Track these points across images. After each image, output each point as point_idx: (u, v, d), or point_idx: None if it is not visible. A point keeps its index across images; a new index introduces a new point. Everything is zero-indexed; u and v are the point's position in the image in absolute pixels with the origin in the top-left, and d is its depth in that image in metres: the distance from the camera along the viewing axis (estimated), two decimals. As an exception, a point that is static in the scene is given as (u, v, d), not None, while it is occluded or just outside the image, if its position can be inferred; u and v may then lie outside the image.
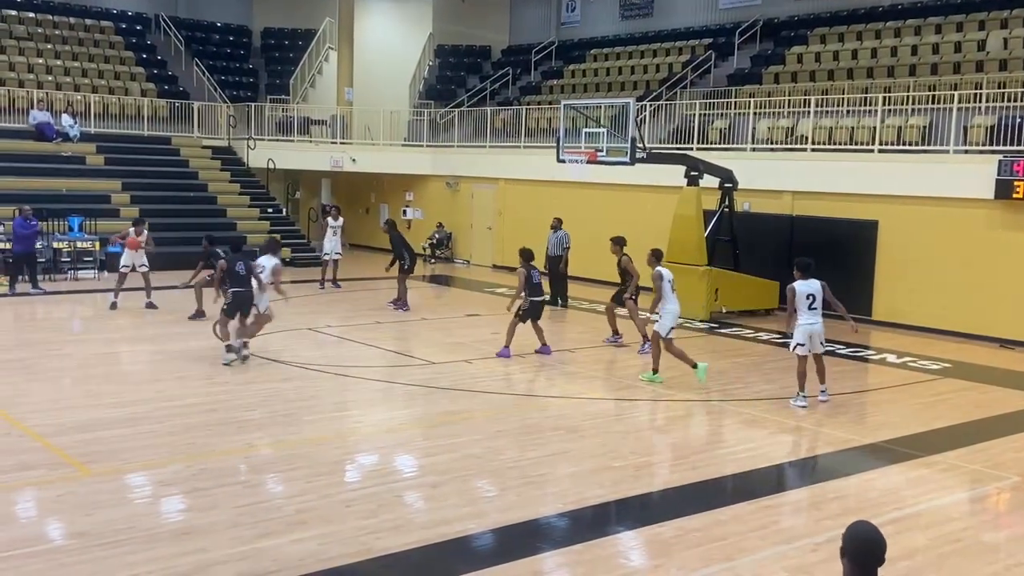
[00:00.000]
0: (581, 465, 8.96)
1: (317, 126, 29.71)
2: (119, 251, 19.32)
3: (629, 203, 22.07)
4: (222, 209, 25.86)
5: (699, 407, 11.81)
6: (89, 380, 11.64)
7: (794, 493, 8.47)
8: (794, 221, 19.22)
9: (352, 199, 31.93)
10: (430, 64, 33.20)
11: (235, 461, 8.80)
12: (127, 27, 31.99)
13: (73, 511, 6.58)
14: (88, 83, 28.14)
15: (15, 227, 18.90)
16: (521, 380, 12.64)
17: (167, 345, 13.90)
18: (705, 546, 7.06)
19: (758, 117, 20.97)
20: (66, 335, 15.04)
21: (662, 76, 25.84)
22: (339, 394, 11.85)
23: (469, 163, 27.17)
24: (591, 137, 18.11)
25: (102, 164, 25.32)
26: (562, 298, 19.20)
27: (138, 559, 6.45)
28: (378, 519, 7.37)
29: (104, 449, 8.85)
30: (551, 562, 6.82)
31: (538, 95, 28.56)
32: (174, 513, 7.54)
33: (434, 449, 9.42)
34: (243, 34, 34.57)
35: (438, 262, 27.16)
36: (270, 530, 7.04)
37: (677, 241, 18.37)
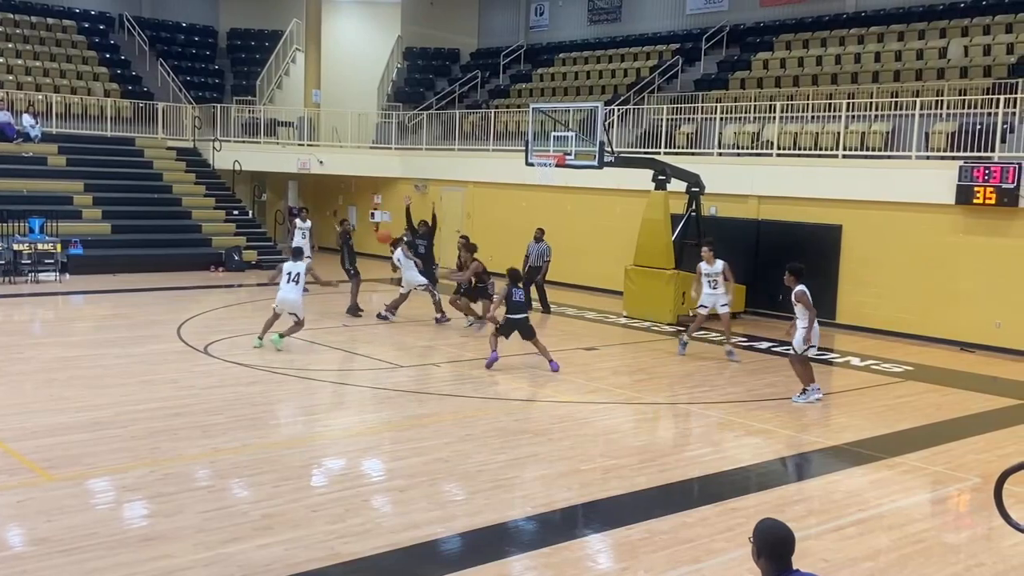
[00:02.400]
0: (550, 468, 8.97)
1: (284, 128, 29.54)
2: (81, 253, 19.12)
3: (597, 206, 22.16)
4: (187, 211, 25.62)
5: (666, 410, 11.87)
6: (51, 384, 11.47)
7: (760, 495, 8.53)
8: (760, 225, 19.38)
9: (320, 201, 31.75)
10: (398, 66, 33.13)
11: (200, 466, 8.71)
12: (90, 26, 31.61)
13: (34, 517, 6.48)
14: (50, 83, 27.76)
15: None
16: (490, 383, 12.63)
17: (130, 348, 13.74)
18: (672, 548, 7.10)
19: (725, 122, 21.13)
20: (27, 338, 14.82)
21: (630, 80, 25.97)
22: (306, 398, 11.77)
23: (438, 166, 27.14)
24: (559, 141, 18.15)
25: (64, 165, 24.98)
26: (544, 306, 19.19)
27: (101, 565, 6.36)
28: (346, 523, 7.33)
29: (66, 454, 8.72)
30: (519, 565, 6.82)
31: (507, 98, 28.58)
32: (138, 519, 7.45)
33: (402, 453, 9.38)
34: (209, 34, 34.28)
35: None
36: (236, 535, 6.98)
37: (645, 245, 18.47)
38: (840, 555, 7.09)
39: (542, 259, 19.22)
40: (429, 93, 31.48)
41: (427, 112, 29.03)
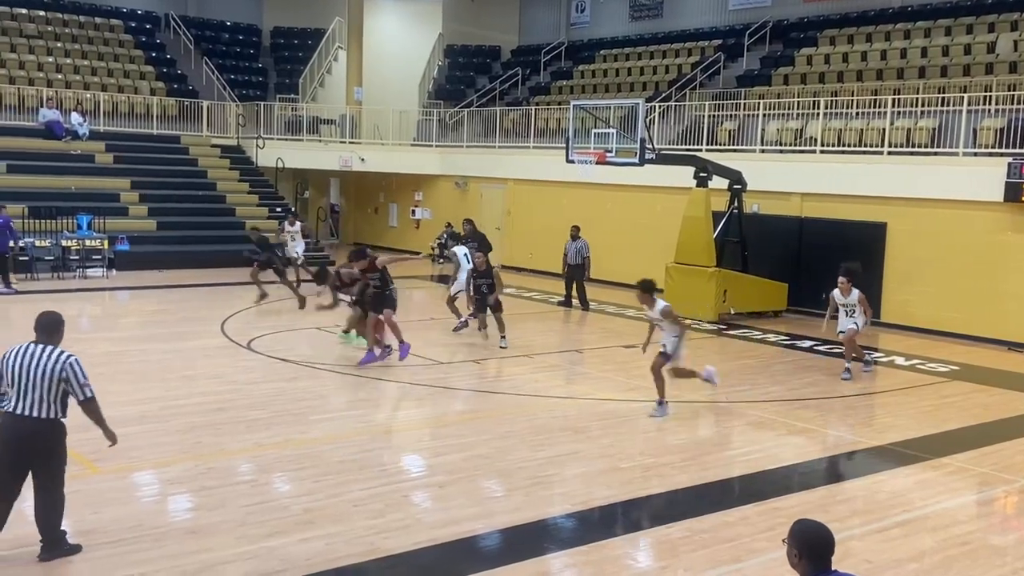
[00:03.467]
0: (589, 466, 8.95)
1: (326, 125, 29.73)
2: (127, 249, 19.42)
3: (638, 204, 22.06)
4: (231, 208, 25.91)
5: (707, 408, 11.78)
6: (97, 378, 11.58)
7: (802, 495, 8.44)
8: (803, 223, 19.18)
9: (361, 199, 31.99)
10: (440, 64, 33.22)
11: (242, 460, 8.81)
12: (137, 26, 32.07)
13: (81, 509, 6.60)
14: (97, 81, 28.22)
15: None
16: (529, 380, 12.63)
17: (175, 344, 13.92)
18: (713, 547, 7.05)
19: (767, 118, 20.93)
20: (74, 333, 15.05)
21: (671, 77, 25.82)
22: (347, 394, 11.86)
23: (478, 163, 27.18)
24: (600, 138, 18.11)
25: (111, 163, 25.39)
26: (583, 303, 19.13)
27: (146, 557, 6.46)
28: (385, 519, 7.37)
29: (112, 447, 8.84)
30: (559, 562, 6.82)
31: (547, 95, 28.55)
32: (182, 512, 7.55)
33: (442, 449, 9.42)
34: (253, 33, 34.63)
35: (446, 262, 27.12)
36: (278, 529, 7.05)
37: (685, 242, 18.36)
38: (884, 556, 6.99)
39: (581, 256, 19.12)
40: (470, 90, 31.53)
41: (468, 109, 29.08)
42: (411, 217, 29.31)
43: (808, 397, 12.19)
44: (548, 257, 24.52)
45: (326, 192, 33.36)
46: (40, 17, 30.05)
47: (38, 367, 6.18)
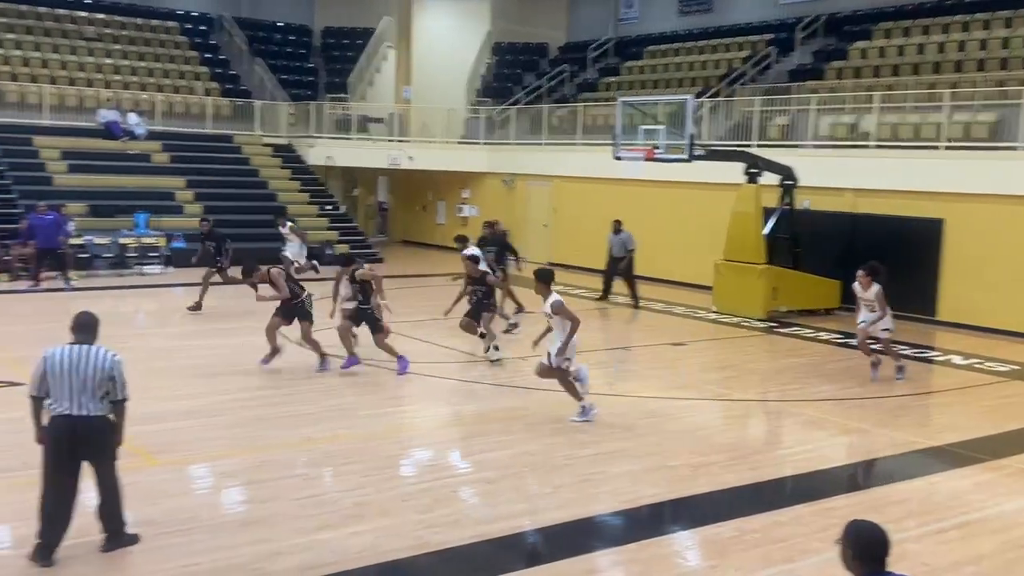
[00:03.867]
0: (637, 464, 8.92)
1: (375, 124, 29.96)
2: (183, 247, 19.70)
3: (686, 201, 21.90)
4: (282, 206, 26.13)
5: (757, 407, 11.68)
6: (154, 373, 11.87)
7: (856, 496, 8.33)
8: (856, 219, 18.90)
9: (409, 196, 32.16)
10: (487, 62, 33.28)
11: (294, 454, 8.93)
12: (192, 27, 32.59)
13: (140, 500, 6.74)
14: (154, 82, 28.74)
15: (32, 221, 19.08)
16: (577, 378, 12.60)
17: (228, 339, 14.13)
18: (764, 547, 6.99)
19: (820, 113, 20.65)
20: (132, 329, 15.37)
21: (721, 72, 25.59)
22: (395, 389, 11.95)
23: (525, 161, 27.19)
24: (648, 134, 18.00)
25: (167, 162, 25.85)
26: (634, 299, 19.04)
27: (202, 548, 6.58)
28: (434, 513, 7.42)
29: (169, 440, 9.04)
30: (606, 560, 6.81)
31: (595, 92, 28.46)
32: (236, 504, 7.68)
33: (490, 445, 9.45)
34: (304, 33, 35.00)
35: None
36: (329, 522, 7.13)
37: (735, 239, 18.20)
38: (941, 559, 6.88)
39: (624, 249, 18.92)
40: (517, 88, 31.54)
41: (515, 107, 29.11)
42: (458, 214, 29.42)
43: (861, 396, 12.02)
44: (595, 254, 24.45)
45: (375, 190, 33.61)
46: (99, 20, 30.68)
47: (88, 366, 6.25)
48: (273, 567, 6.34)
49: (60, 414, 6.21)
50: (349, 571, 6.35)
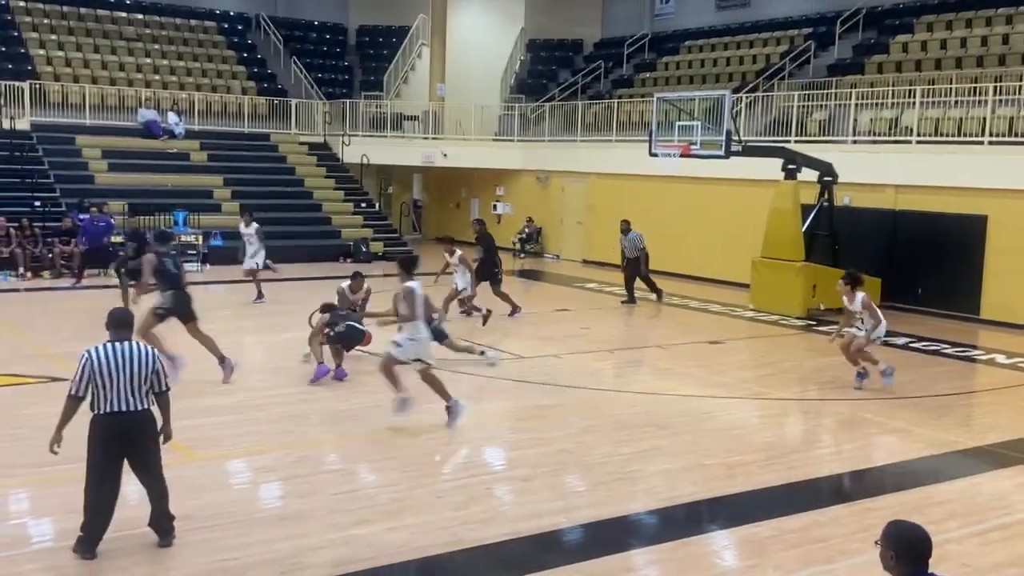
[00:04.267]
0: (673, 462, 8.87)
1: (410, 122, 30.06)
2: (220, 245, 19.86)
3: (723, 197, 21.74)
4: (318, 204, 26.41)
5: (795, 406, 11.56)
6: (192, 370, 11.97)
7: (896, 496, 8.20)
8: (897, 216, 18.65)
9: (443, 194, 32.23)
10: (521, 59, 33.25)
11: (331, 450, 8.98)
12: (229, 27, 32.90)
13: (179, 494, 6.80)
14: (192, 82, 29.05)
15: (84, 223, 19.35)
16: (611, 375, 12.57)
17: (265, 336, 14.24)
18: (803, 547, 6.91)
19: (860, 108, 20.40)
20: (171, 326, 15.51)
21: (759, 67, 25.37)
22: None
23: (560, 157, 27.13)
24: (684, 130, 17.89)
25: (205, 160, 26.11)
26: (656, 292, 18.86)
27: (240, 542, 6.63)
28: (469, 510, 7.42)
29: (207, 435, 9.13)
30: (643, 558, 6.77)
31: (630, 88, 28.33)
32: (273, 499, 7.74)
33: (524, 443, 9.44)
34: (339, 32, 35.19)
35: (528, 257, 27.20)
36: (365, 518, 7.16)
37: (773, 236, 18.03)
38: (983, 560, 6.76)
39: (635, 248, 18.50)
40: (552, 84, 31.48)
41: (549, 104, 29.05)
42: (493, 212, 29.43)
43: (902, 396, 11.84)
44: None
45: (409, 188, 33.71)
46: (139, 20, 31.07)
47: (133, 362, 6.30)
48: (309, 562, 6.37)
49: (108, 412, 6.27)
50: (385, 567, 6.37)
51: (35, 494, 7.59)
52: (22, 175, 22.47)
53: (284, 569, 6.24)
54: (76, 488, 6.53)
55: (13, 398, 10.42)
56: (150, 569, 6.22)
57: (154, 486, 6.49)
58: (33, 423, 9.34)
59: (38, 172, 22.93)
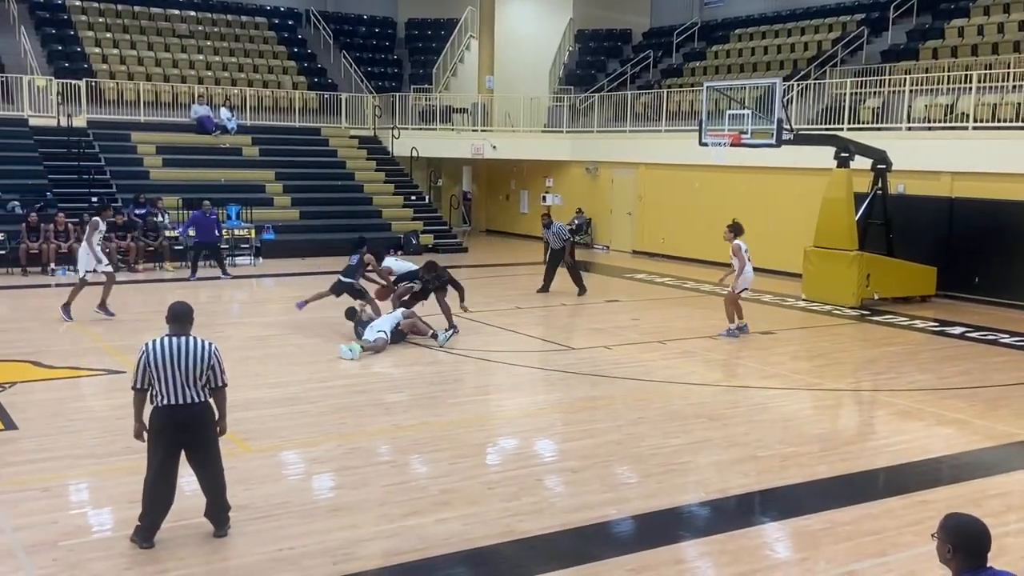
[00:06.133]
0: (724, 454, 8.82)
1: (459, 114, 30.14)
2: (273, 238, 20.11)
3: (775, 186, 21.50)
4: (368, 197, 26.63)
5: (849, 397, 11.43)
6: (247, 362, 12.20)
7: (952, 488, 8.08)
8: (953, 204, 18.29)
9: (492, 186, 32.28)
10: (570, 49, 33.13)
11: (382, 441, 9.07)
12: (279, 22, 33.24)
13: (234, 485, 6.92)
14: (244, 77, 29.43)
15: (196, 219, 20.18)
16: (662, 367, 12.52)
17: (318, 328, 14.39)
18: (856, 540, 6.84)
19: (914, 95, 20.01)
20: (226, 318, 15.79)
21: (810, 55, 25.00)
22: (481, 378, 12.04)
23: (609, 148, 27.02)
24: (735, 119, 17.72)
25: (257, 155, 26.46)
26: (579, 287, 18.34)
27: (294, 533, 6.74)
28: (520, 502, 7.46)
29: (261, 427, 9.28)
30: (694, 550, 6.75)
31: (679, 78, 28.10)
32: (326, 490, 7.85)
33: (574, 434, 9.45)
34: (388, 26, 35.39)
35: (577, 248, 27.12)
36: (416, 509, 7.23)
37: (826, 225, 17.79)
38: (1042, 555, 6.64)
39: (560, 240, 18.30)
40: (600, 75, 31.34)
41: (598, 94, 28.93)
42: (542, 203, 29.40)
43: (959, 386, 11.64)
44: (680, 242, 24.23)
45: (459, 180, 33.82)
46: (191, 17, 31.53)
47: (188, 356, 6.39)
48: (361, 552, 6.46)
49: (164, 404, 6.39)
50: (436, 557, 6.43)
51: (95, 484, 7.78)
52: (79, 171, 22.97)
53: (337, 559, 6.33)
54: (135, 479, 6.69)
55: (73, 390, 10.67)
56: (207, 559, 6.35)
57: (210, 478, 6.60)
58: (92, 415, 9.61)
59: (95, 168, 23.43)
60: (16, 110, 24.52)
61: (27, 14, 28.64)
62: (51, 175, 22.79)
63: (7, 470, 7.97)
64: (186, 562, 6.27)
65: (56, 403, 10.02)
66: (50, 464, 8.13)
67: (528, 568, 6.41)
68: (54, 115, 24.56)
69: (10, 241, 19.93)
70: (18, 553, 6.33)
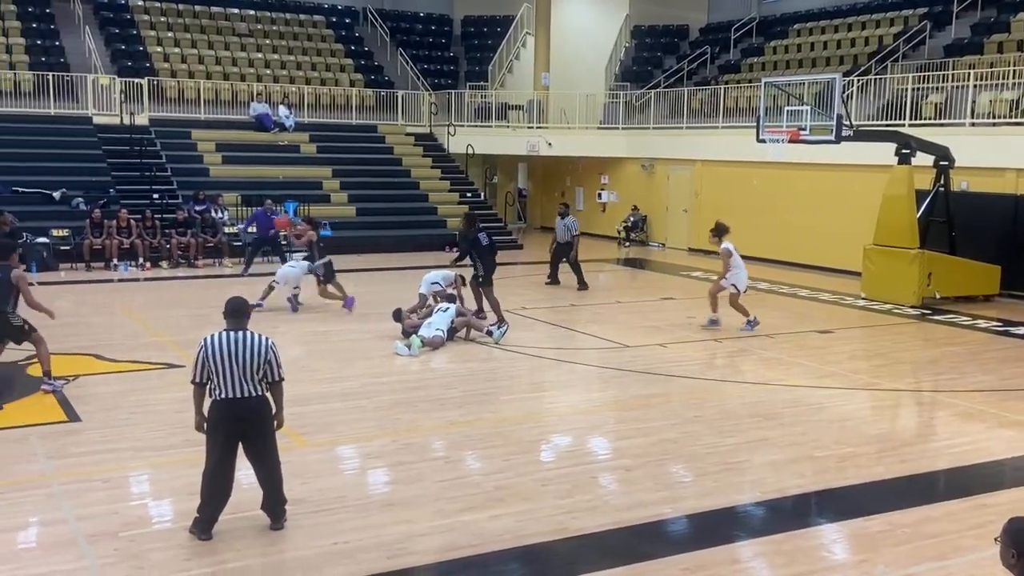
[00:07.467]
0: (781, 453, 8.72)
1: (514, 111, 30.16)
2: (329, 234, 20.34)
3: (834, 184, 21.18)
4: (424, 194, 26.79)
5: (908, 397, 11.23)
6: (305, 356, 12.37)
7: (1016, 491, 7.90)
8: (1018, 201, 17.85)
9: (548, 183, 32.26)
10: (626, 46, 32.96)
11: (437, 437, 9.13)
12: (337, 21, 33.58)
13: (290, 479, 7.01)
14: (302, 75, 29.79)
15: (258, 217, 20.62)
16: (717, 365, 12.42)
17: (374, 324, 14.53)
18: (915, 543, 6.73)
19: (979, 90, 19.56)
20: (282, 313, 15.99)
21: (871, 50, 24.57)
22: (535, 375, 12.05)
23: (665, 145, 26.83)
24: (793, 115, 17.50)
25: (314, 152, 26.77)
26: (580, 283, 18.50)
27: (350, 527, 6.82)
28: (574, 499, 7.46)
29: (318, 422, 9.40)
30: (749, 550, 6.69)
31: (737, 74, 27.81)
32: (381, 485, 7.93)
33: (629, 432, 9.42)
34: (444, 23, 35.54)
35: (632, 245, 27.03)
36: (471, 505, 7.27)
37: (886, 223, 17.49)
38: (1110, 562, 6.45)
39: (570, 234, 18.55)
40: (657, 71, 31.14)
41: (655, 91, 28.74)
42: (597, 200, 29.34)
43: (1022, 388, 11.37)
44: (736, 239, 23.90)
45: (514, 177, 33.85)
46: (251, 16, 32.01)
47: (246, 351, 6.50)
48: (416, 547, 6.51)
49: (224, 398, 6.51)
50: (489, 553, 6.46)
51: (155, 476, 7.95)
52: (141, 169, 23.45)
53: (392, 554, 6.40)
54: (194, 471, 6.83)
55: (134, 383, 10.89)
56: (263, 551, 6.45)
57: (267, 471, 6.71)
58: (153, 408, 9.81)
59: (156, 166, 23.90)
60: (81, 109, 25.13)
61: (92, 14, 29.31)
62: (114, 172, 23.30)
63: (71, 461, 8.19)
64: (243, 554, 6.38)
65: (118, 396, 10.26)
66: (112, 456, 8.33)
67: (581, 565, 6.40)
68: (117, 113, 25.09)
69: (75, 237, 20.42)
70: (80, 542, 6.49)
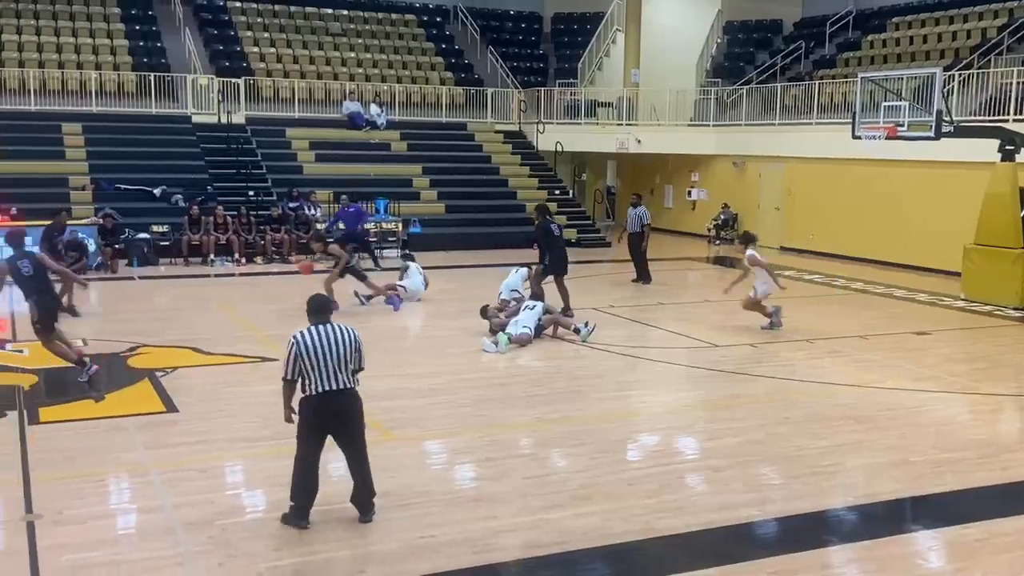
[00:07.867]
0: (875, 458, 8.51)
1: (603, 108, 30.03)
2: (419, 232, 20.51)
3: (932, 181, 20.53)
4: (512, 192, 26.89)
5: (1010, 402, 10.82)
6: (393, 352, 12.54)
7: None
8: None
9: (637, 180, 32.02)
10: (718, 41, 32.49)
11: (523, 434, 9.17)
12: (428, 19, 33.94)
13: (378, 472, 7.11)
14: (393, 74, 30.21)
15: (340, 214, 21.13)
16: (808, 366, 12.17)
17: (462, 320, 14.66)
18: (1016, 553, 6.50)
19: (1088, 83, 18.72)
20: (372, 308, 16.25)
21: (973, 43, 23.73)
22: (623, 374, 11.99)
23: (756, 142, 26.38)
24: (891, 111, 17.04)
25: (405, 150, 27.13)
26: (642, 275, 18.32)
27: (436, 521, 6.90)
28: (660, 499, 7.41)
29: (405, 416, 9.53)
30: (840, 556, 6.55)
31: (832, 69, 27.16)
32: (467, 480, 8.00)
33: (717, 432, 9.31)
34: (534, 20, 35.60)
35: (723, 244, 26.65)
36: (556, 502, 7.28)
37: (989, 222, 16.90)
38: None
39: (640, 223, 18.29)
40: (749, 67, 30.62)
41: (747, 87, 28.27)
42: (687, 198, 29.03)
43: None
44: (830, 238, 23.45)
45: (603, 174, 33.72)
46: (343, 16, 32.59)
47: (340, 344, 6.67)
48: (501, 543, 6.55)
49: (319, 392, 6.65)
50: (575, 551, 6.46)
51: (248, 467, 8.19)
52: (237, 166, 24.10)
53: (477, 549, 6.45)
54: (284, 462, 6.99)
55: (228, 376, 11.20)
56: (352, 543, 6.57)
57: (359, 463, 6.84)
58: (246, 400, 10.08)
59: (252, 163, 24.54)
60: (180, 108, 25.94)
61: (192, 16, 30.24)
62: (211, 170, 24.00)
63: (168, 451, 8.48)
64: (332, 545, 6.51)
65: (213, 388, 10.58)
66: (207, 446, 8.59)
67: (667, 566, 6.37)
68: (215, 112, 25.85)
69: (173, 233, 21.11)
70: (177, 530, 6.71)
